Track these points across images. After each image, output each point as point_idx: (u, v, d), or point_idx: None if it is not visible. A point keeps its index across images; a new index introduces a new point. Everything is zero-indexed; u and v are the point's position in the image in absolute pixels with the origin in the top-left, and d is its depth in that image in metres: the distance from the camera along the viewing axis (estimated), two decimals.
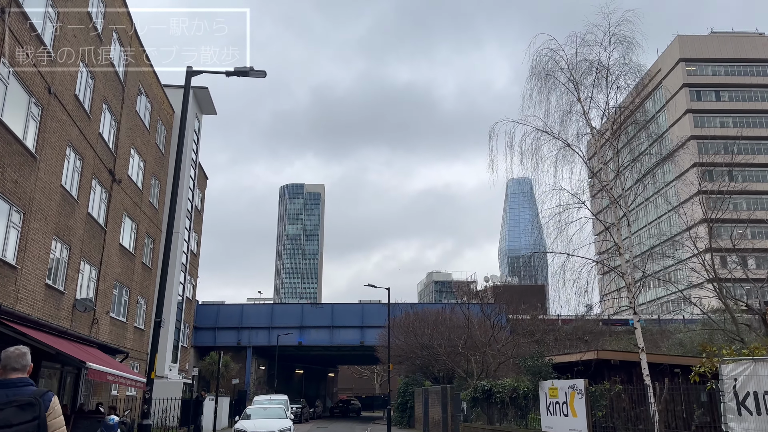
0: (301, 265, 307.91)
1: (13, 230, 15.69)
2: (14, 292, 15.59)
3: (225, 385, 41.40)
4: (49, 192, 17.96)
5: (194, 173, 36.42)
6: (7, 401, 3.75)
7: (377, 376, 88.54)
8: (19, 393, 3.83)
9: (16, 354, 4.00)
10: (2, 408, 3.72)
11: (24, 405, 3.76)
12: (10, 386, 3.87)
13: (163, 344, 31.06)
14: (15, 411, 3.73)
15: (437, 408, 29.52)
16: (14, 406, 3.74)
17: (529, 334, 30.97)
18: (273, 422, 21.00)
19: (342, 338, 52.34)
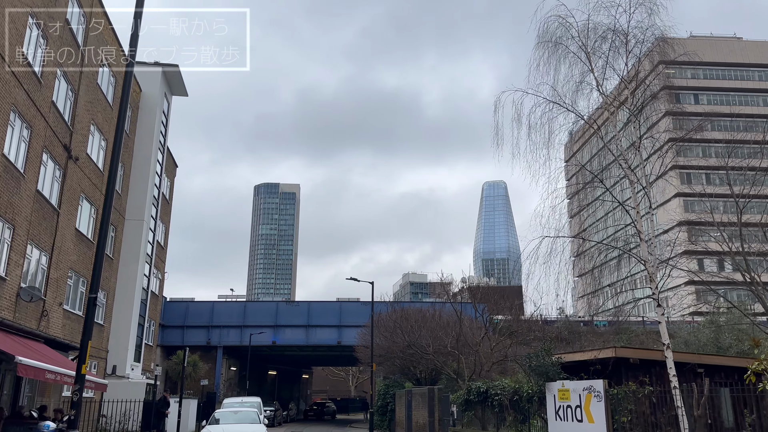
0: (275, 265, 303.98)
1: None
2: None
3: (193, 386, 38.81)
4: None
5: (162, 158, 33.86)
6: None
7: (353, 378, 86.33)
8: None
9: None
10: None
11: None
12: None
13: (124, 341, 28.51)
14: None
15: (423, 411, 27.53)
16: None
17: (512, 335, 29.31)
18: (245, 428, 18.74)
19: (318, 338, 50.06)
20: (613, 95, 15.78)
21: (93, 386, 15.79)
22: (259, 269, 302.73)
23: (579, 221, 17.19)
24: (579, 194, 15.62)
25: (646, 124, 15.46)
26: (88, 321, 6.92)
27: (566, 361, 15.89)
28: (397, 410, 34.98)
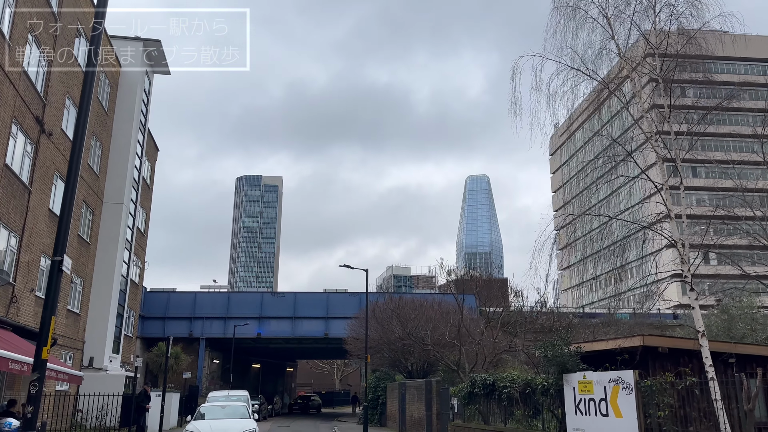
0: (257, 258, 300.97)
1: None
2: None
3: (174, 379, 37.17)
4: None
5: (143, 139, 32.06)
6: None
7: (337, 371, 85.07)
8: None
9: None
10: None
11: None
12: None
13: (102, 331, 26.85)
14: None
15: (418, 405, 26.32)
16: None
17: (509, 326, 28.24)
18: (233, 423, 17.28)
19: (305, 329, 48.63)
20: (637, 62, 14.58)
21: (67, 378, 14.25)
22: (241, 262, 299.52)
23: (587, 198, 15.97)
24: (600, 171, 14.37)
25: (675, 93, 14.28)
26: (51, 291, 5.47)
27: (586, 351, 14.71)
28: (388, 404, 33.78)
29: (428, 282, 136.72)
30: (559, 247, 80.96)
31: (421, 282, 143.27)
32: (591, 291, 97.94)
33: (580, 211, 15.67)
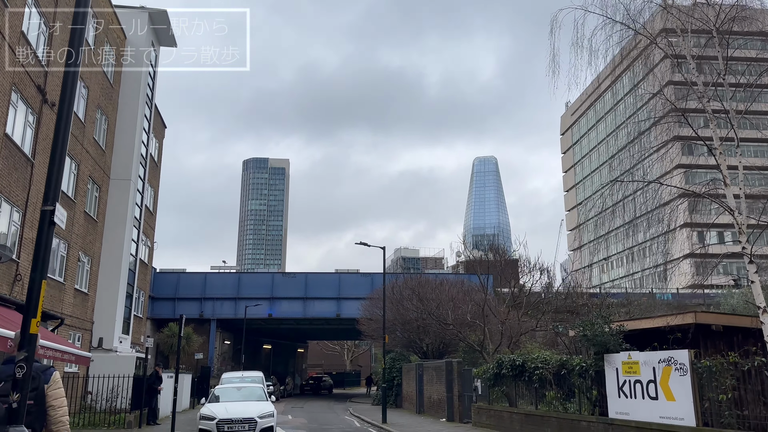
0: (265, 240, 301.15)
1: None
2: None
3: (186, 360, 36.53)
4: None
5: (150, 114, 30.99)
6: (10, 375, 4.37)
7: (348, 352, 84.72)
8: None
9: None
10: (7, 380, 4.42)
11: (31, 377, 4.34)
12: None
13: (111, 311, 26.08)
14: None
15: (437, 386, 25.48)
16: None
17: (526, 306, 27.26)
18: (250, 406, 16.41)
19: (316, 310, 47.86)
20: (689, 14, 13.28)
21: (74, 359, 13.38)
22: (249, 245, 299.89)
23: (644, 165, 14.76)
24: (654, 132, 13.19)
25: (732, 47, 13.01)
26: (41, 249, 4.47)
27: (629, 329, 13.68)
28: (404, 385, 33.02)
29: (436, 264, 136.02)
30: (570, 228, 79.41)
31: (429, 264, 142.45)
32: (602, 272, 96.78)
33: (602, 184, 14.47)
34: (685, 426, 11.12)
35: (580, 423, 14.43)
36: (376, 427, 21.52)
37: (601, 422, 13.58)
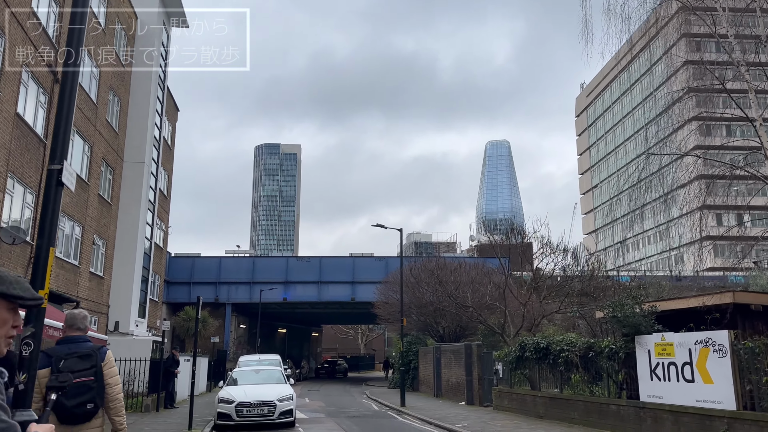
0: (278, 226, 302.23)
1: None
2: None
3: (202, 344, 36.51)
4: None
5: (162, 96, 30.61)
6: (70, 353, 4.81)
7: (362, 336, 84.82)
8: (79, 347, 4.91)
9: (81, 316, 5.19)
10: (66, 358, 4.75)
11: (84, 356, 4.81)
12: (73, 341, 4.97)
13: (127, 295, 25.94)
14: (77, 360, 4.77)
15: (456, 369, 25.14)
16: (76, 356, 4.79)
17: (540, 289, 26.73)
18: (269, 390, 16.15)
19: (331, 294, 47.68)
20: None
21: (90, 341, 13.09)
22: (261, 230, 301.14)
23: None
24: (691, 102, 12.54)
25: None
26: (49, 211, 4.05)
27: (661, 310, 13.14)
28: (421, 368, 32.76)
29: (449, 248, 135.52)
30: (585, 211, 78.23)
31: (442, 248, 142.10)
32: (618, 255, 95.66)
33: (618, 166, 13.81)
34: (725, 410, 10.62)
35: (608, 407, 13.98)
36: (395, 410, 21.23)
37: (632, 406, 13.11)
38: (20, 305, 1.99)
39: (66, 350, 4.84)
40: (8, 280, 1.97)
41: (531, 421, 16.31)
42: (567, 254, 23.55)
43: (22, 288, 1.99)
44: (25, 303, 1.99)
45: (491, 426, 15.63)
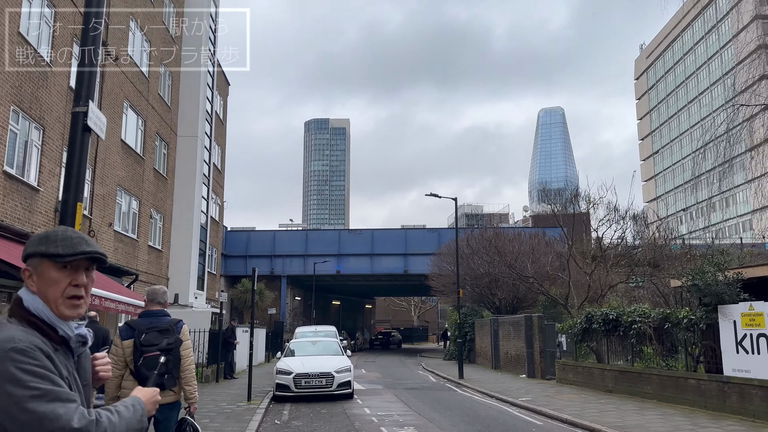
0: (328, 200, 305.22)
1: None
2: None
3: (259, 315, 37.06)
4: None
5: (213, 70, 30.53)
6: (150, 326, 5.12)
7: (414, 308, 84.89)
8: (159, 321, 5.21)
9: (161, 291, 5.49)
10: (147, 331, 5.07)
11: (163, 330, 5.13)
12: (153, 315, 5.26)
13: (186, 268, 26.32)
14: (156, 335, 5.10)
15: (515, 341, 24.43)
16: (155, 330, 5.11)
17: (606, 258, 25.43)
18: (327, 361, 15.94)
19: (383, 267, 47.48)
20: None
21: None
22: (313, 205, 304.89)
23: None
24: None
25: None
26: (74, 160, 3.60)
27: (747, 278, 12.01)
28: (477, 340, 32.19)
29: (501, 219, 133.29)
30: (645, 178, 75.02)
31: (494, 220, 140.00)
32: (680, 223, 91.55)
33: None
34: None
35: (687, 381, 13.02)
36: (453, 383, 20.79)
37: (714, 380, 12.14)
38: (61, 263, 1.90)
39: (147, 324, 5.20)
40: (52, 239, 1.92)
41: (599, 395, 15.52)
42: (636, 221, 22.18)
43: (64, 245, 1.90)
44: (64, 260, 1.90)
45: (557, 400, 14.94)
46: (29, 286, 1.91)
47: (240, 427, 10.64)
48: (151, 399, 2.02)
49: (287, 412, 13.42)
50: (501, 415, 13.37)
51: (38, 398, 1.68)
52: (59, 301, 1.90)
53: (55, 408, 1.68)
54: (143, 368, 4.94)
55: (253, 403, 14.05)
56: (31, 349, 1.73)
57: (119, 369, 5.07)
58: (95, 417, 1.74)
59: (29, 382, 1.69)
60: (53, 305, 1.89)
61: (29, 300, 1.88)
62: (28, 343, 1.74)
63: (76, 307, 1.93)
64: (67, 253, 1.90)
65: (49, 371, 1.74)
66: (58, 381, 1.76)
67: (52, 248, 1.89)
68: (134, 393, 2.02)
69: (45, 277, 1.89)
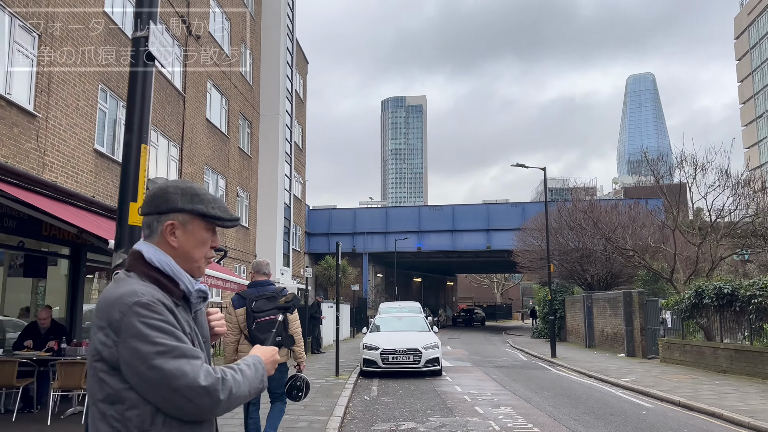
0: (406, 179, 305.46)
1: (22, 56, 10.41)
2: (36, 151, 10.55)
3: (342, 292, 37.29)
4: (80, 17, 12.53)
5: (292, 47, 30.52)
6: (258, 295, 5.64)
7: (497, 285, 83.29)
8: (266, 290, 5.74)
9: (265, 263, 6.03)
10: (257, 299, 5.60)
11: (270, 297, 5.63)
12: (260, 285, 5.81)
13: (271, 245, 26.73)
14: (265, 302, 5.59)
15: (612, 319, 23.04)
16: (264, 298, 5.62)
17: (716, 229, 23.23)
18: (414, 336, 15.50)
19: (465, 243, 46.49)
20: None
21: (236, 287, 13.14)
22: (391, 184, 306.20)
23: None
24: None
25: None
26: (136, 92, 3.15)
27: None
28: (568, 317, 30.83)
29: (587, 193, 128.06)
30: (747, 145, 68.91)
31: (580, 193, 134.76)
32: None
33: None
34: None
35: None
36: (545, 361, 19.84)
37: None
38: (216, 225, 1.88)
39: (255, 293, 5.68)
40: (206, 198, 1.87)
41: (712, 376, 14.16)
42: (751, 186, 20.00)
43: (221, 208, 1.88)
44: (224, 224, 1.88)
45: (665, 380, 13.75)
46: (169, 240, 1.81)
47: (330, 403, 10.40)
48: (271, 358, 1.96)
49: (376, 388, 13.12)
50: (603, 396, 12.43)
51: (164, 354, 1.63)
52: (201, 262, 1.87)
53: (182, 365, 1.62)
54: (257, 332, 5.48)
55: (341, 377, 13.87)
56: (154, 303, 1.67)
57: (235, 335, 5.66)
58: (221, 375, 1.69)
59: (155, 337, 1.63)
60: (194, 264, 1.85)
61: (151, 253, 1.78)
62: (150, 297, 1.68)
63: (201, 273, 1.91)
64: (227, 217, 1.87)
65: (173, 326, 1.68)
66: (183, 337, 1.70)
67: (210, 209, 1.83)
68: (253, 352, 1.95)
69: (195, 235, 1.82)
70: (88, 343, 1.70)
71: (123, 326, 1.62)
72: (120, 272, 1.79)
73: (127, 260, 1.83)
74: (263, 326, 5.48)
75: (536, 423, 9.28)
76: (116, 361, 1.62)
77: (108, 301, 1.66)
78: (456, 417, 9.69)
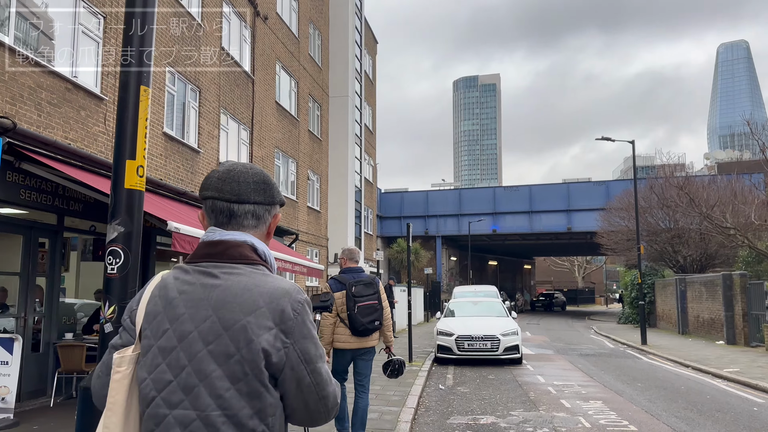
0: (479, 160, 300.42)
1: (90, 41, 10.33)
2: (104, 134, 10.49)
3: (415, 275, 36.79)
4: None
5: (360, 26, 29.94)
6: (356, 280, 5.90)
7: (578, 268, 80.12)
8: (360, 276, 5.99)
9: (356, 251, 6.25)
10: (355, 284, 5.85)
11: (367, 283, 5.93)
12: (354, 271, 6.05)
13: (343, 228, 26.50)
14: (363, 287, 5.88)
15: (708, 303, 21.15)
16: (362, 284, 5.90)
17: None
18: (491, 322, 14.65)
19: (543, 224, 44.54)
20: None
21: (306, 271, 12.85)
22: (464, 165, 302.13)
23: None
24: None
25: None
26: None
27: None
28: (658, 302, 28.82)
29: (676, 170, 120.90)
30: None
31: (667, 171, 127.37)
32: None
33: None
34: None
35: None
36: (635, 349, 18.43)
37: None
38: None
39: (352, 278, 5.93)
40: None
41: None
42: None
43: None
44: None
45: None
46: (271, 232, 1.72)
47: (402, 392, 9.83)
48: None
49: (451, 377, 12.44)
50: (704, 388, 11.17)
51: (322, 358, 1.55)
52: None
53: (327, 368, 1.56)
54: (359, 315, 5.76)
55: (414, 364, 13.29)
56: (309, 302, 1.58)
57: (333, 318, 5.84)
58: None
59: (317, 339, 1.55)
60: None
61: (260, 246, 1.64)
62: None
63: None
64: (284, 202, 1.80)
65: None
66: None
67: (278, 196, 1.75)
68: None
69: (274, 224, 1.73)
70: (215, 343, 1.38)
71: (297, 326, 1.48)
72: (254, 267, 1.54)
73: (238, 251, 1.56)
74: (365, 310, 5.82)
75: (632, 420, 8.30)
76: (282, 366, 1.45)
77: (272, 297, 1.47)
78: (540, 411, 8.87)
